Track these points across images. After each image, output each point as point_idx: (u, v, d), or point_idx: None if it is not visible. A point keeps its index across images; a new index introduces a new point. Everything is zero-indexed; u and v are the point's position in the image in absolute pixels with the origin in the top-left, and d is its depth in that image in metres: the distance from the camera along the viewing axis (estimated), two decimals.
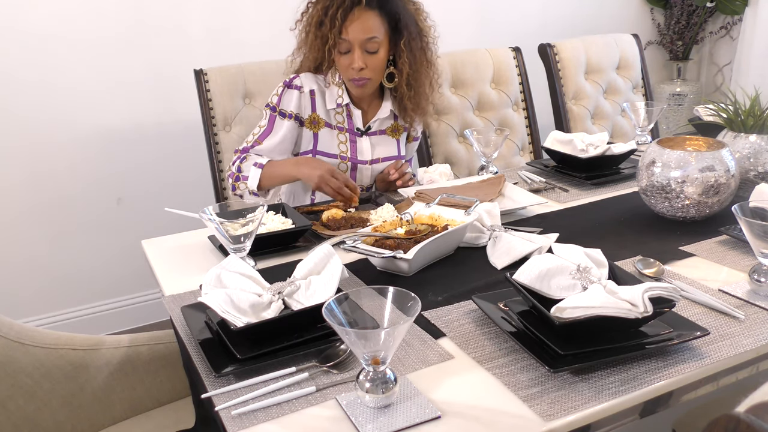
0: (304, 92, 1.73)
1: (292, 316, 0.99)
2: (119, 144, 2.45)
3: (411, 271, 1.22)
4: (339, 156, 1.76)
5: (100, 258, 2.52)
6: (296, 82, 1.73)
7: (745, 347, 0.96)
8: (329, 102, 1.75)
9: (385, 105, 1.79)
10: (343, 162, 1.76)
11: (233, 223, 1.16)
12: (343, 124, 1.76)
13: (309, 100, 1.73)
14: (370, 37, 1.62)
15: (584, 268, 1.02)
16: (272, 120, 1.73)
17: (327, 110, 1.75)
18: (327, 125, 1.75)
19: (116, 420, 1.31)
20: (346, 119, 1.76)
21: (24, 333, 1.19)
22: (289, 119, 1.72)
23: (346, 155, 1.76)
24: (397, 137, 1.83)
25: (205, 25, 2.49)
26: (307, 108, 1.74)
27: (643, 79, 2.62)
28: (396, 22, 1.66)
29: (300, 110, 1.73)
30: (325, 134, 1.75)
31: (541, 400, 0.86)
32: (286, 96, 1.73)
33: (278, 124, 1.73)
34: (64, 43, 2.29)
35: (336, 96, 1.74)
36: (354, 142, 1.77)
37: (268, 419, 0.84)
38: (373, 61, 1.65)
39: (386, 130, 1.81)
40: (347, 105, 1.75)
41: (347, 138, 1.76)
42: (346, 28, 1.61)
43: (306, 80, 1.73)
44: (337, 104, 1.74)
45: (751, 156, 1.49)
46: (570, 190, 1.68)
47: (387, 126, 1.81)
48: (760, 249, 1.08)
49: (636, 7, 3.51)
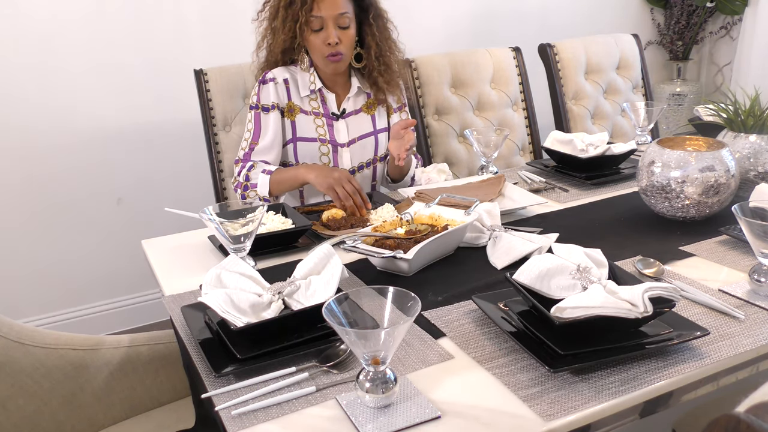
0: (279, 82, 1.75)
1: (292, 316, 0.99)
2: (119, 144, 2.45)
3: (411, 271, 1.22)
4: (318, 139, 1.77)
5: (100, 258, 2.52)
6: (269, 76, 1.75)
7: (745, 347, 0.96)
8: (302, 89, 1.77)
9: (353, 83, 1.81)
10: (324, 144, 1.77)
11: (233, 223, 1.16)
12: (319, 110, 1.78)
13: (284, 88, 1.76)
14: (342, 12, 1.66)
15: (584, 268, 1.02)
16: (258, 118, 1.75)
17: (301, 97, 1.77)
18: (302, 111, 1.77)
19: (116, 420, 1.31)
20: (321, 104, 1.78)
21: (24, 333, 1.19)
22: (273, 110, 1.75)
23: (326, 138, 1.77)
24: (372, 112, 1.84)
25: (205, 25, 2.49)
26: (284, 97, 1.76)
27: (643, 79, 2.62)
28: (361, 1, 1.72)
29: (279, 100, 1.76)
30: (302, 120, 1.77)
31: (541, 400, 0.86)
32: (263, 92, 1.75)
33: (264, 120, 1.75)
34: (64, 43, 2.29)
35: (308, 83, 1.77)
36: (331, 126, 1.79)
37: (268, 419, 0.84)
38: (345, 37, 1.68)
39: (362, 107, 1.83)
40: (320, 90, 1.77)
41: (324, 122, 1.78)
42: (317, 4, 1.64)
43: (278, 72, 1.76)
44: (311, 90, 1.77)
45: (751, 156, 1.49)
46: (570, 190, 1.68)
47: (362, 104, 1.83)
48: (760, 249, 1.08)
49: (636, 7, 3.51)
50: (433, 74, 2.18)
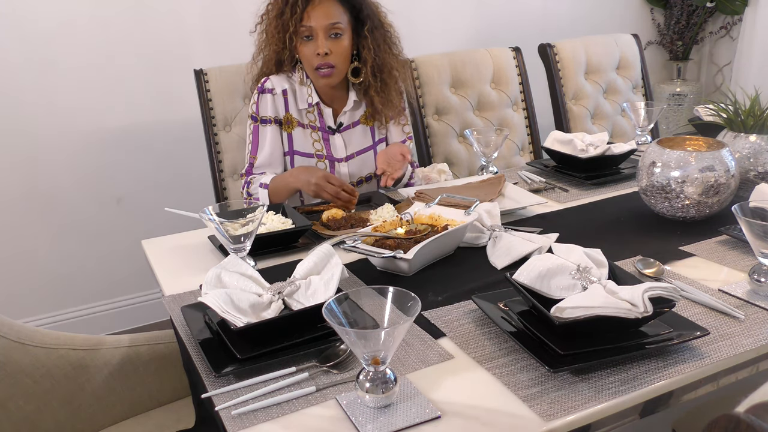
0: (277, 93, 1.73)
1: (292, 316, 0.99)
2: (119, 144, 2.45)
3: (411, 271, 1.22)
4: (315, 155, 1.76)
5: (100, 258, 2.52)
6: (267, 86, 1.73)
7: (745, 347, 0.96)
8: (300, 102, 1.75)
9: (350, 96, 1.77)
10: (321, 161, 1.76)
11: (233, 223, 1.16)
12: (315, 123, 1.76)
13: (282, 100, 1.74)
14: (333, 22, 1.62)
15: (584, 268, 1.02)
16: (256, 131, 1.74)
17: (299, 110, 1.75)
18: (300, 125, 1.75)
19: (116, 420, 1.31)
20: (318, 118, 1.76)
21: (24, 333, 1.19)
22: (271, 124, 1.73)
23: (322, 153, 1.76)
24: (371, 124, 1.81)
25: (205, 24, 2.49)
26: (282, 109, 1.74)
27: (643, 79, 2.62)
28: (358, 12, 1.67)
29: (277, 113, 1.74)
30: (299, 134, 1.75)
31: (541, 400, 0.86)
32: (262, 102, 1.73)
33: (263, 133, 1.74)
34: (64, 43, 2.29)
35: (306, 96, 1.74)
36: (327, 141, 1.77)
37: (268, 419, 0.84)
38: (337, 47, 1.63)
39: (360, 119, 1.80)
40: (317, 104, 1.75)
41: (320, 137, 1.76)
42: (307, 13, 1.61)
43: (277, 81, 1.73)
44: (308, 104, 1.74)
45: (751, 156, 1.49)
46: (570, 190, 1.68)
47: (360, 116, 1.80)
48: (760, 249, 1.08)
49: (636, 7, 3.51)
50: (433, 74, 2.18)
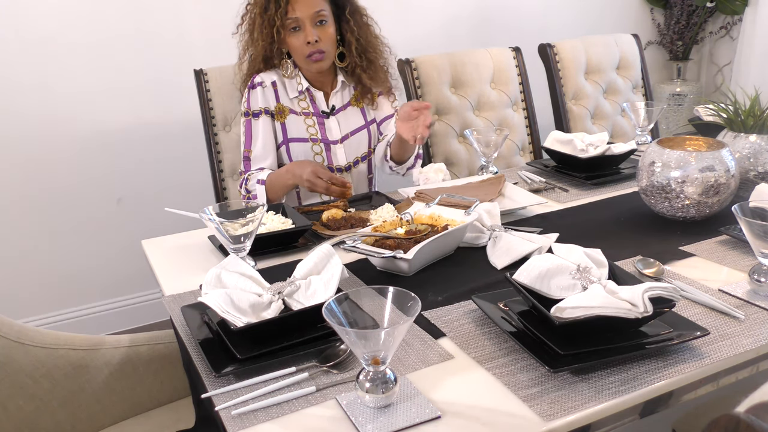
0: (266, 85, 1.76)
1: (292, 316, 0.99)
2: (119, 144, 2.45)
3: (411, 271, 1.22)
4: (310, 139, 1.78)
5: (100, 258, 2.52)
6: (256, 80, 1.77)
7: (745, 347, 0.96)
8: (291, 91, 1.78)
9: (338, 79, 1.81)
10: (316, 144, 1.79)
11: (233, 223, 1.16)
12: (308, 109, 1.79)
13: (272, 91, 1.77)
14: (318, 10, 1.67)
15: (584, 268, 1.02)
16: (248, 125, 1.77)
17: (290, 99, 1.78)
18: (292, 112, 1.78)
19: (116, 420, 1.31)
20: (310, 104, 1.80)
21: (24, 333, 1.19)
22: (262, 115, 1.76)
23: (317, 137, 1.79)
24: (361, 105, 1.85)
25: (205, 24, 2.48)
26: (272, 100, 1.77)
27: (643, 79, 2.62)
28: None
29: (267, 103, 1.77)
30: (293, 121, 1.78)
31: (541, 400, 0.86)
32: (252, 97, 1.76)
33: (255, 127, 1.76)
34: (64, 43, 2.29)
35: (296, 84, 1.78)
36: (322, 125, 1.80)
37: (268, 419, 0.84)
38: (324, 33, 1.69)
39: (350, 101, 1.84)
40: (308, 89, 1.78)
41: (315, 121, 1.79)
42: (291, 6, 1.65)
43: (265, 75, 1.77)
44: (299, 91, 1.78)
45: (751, 156, 1.49)
46: (570, 190, 1.68)
47: (349, 97, 1.84)
48: (760, 249, 1.08)
49: (636, 7, 3.51)
50: (433, 74, 2.18)
